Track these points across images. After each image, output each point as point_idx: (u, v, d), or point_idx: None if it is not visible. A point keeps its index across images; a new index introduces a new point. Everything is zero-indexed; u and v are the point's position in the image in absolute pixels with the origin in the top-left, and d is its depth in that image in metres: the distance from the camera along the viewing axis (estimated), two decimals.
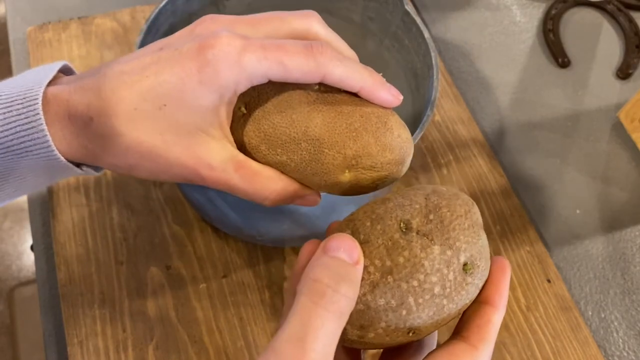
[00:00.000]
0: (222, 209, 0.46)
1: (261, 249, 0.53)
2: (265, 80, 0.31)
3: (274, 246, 0.53)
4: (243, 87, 0.30)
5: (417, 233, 0.28)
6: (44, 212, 0.54)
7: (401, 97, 0.32)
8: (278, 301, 0.50)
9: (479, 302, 0.29)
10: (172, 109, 0.29)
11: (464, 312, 0.30)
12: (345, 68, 0.31)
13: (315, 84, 0.32)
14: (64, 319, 0.48)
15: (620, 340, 0.51)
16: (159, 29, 0.47)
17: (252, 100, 0.32)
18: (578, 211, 0.58)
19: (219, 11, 0.52)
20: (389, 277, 0.27)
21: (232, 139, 0.33)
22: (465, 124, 0.62)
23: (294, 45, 0.30)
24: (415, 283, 0.27)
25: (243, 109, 0.32)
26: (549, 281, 0.53)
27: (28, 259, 1.39)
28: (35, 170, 0.31)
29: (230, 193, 0.32)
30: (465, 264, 0.28)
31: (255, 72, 0.30)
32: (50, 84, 0.31)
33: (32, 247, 0.54)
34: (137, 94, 0.29)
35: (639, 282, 0.54)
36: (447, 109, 0.62)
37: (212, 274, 0.51)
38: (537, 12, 0.73)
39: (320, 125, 0.31)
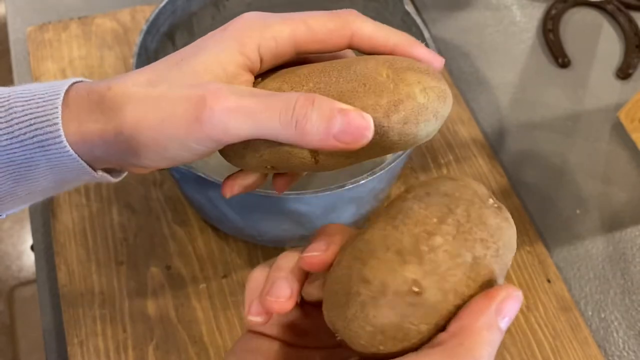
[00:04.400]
0: (222, 209, 0.46)
1: (261, 249, 0.53)
2: (290, 44, 0.29)
3: (274, 246, 0.53)
4: (266, 50, 0.28)
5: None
6: (44, 212, 0.54)
7: (442, 60, 0.29)
8: None
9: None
10: (188, 61, 0.28)
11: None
12: (375, 25, 0.29)
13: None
14: (64, 319, 0.48)
15: (620, 340, 0.51)
16: (159, 29, 0.47)
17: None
18: (578, 211, 0.58)
19: (219, 11, 0.52)
20: None
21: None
22: (465, 124, 0.62)
23: (318, 12, 0.29)
24: None
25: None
26: (549, 281, 0.53)
27: (28, 259, 1.39)
28: (47, 171, 0.30)
29: (247, 128, 0.26)
30: None
31: (280, 30, 0.28)
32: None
33: (32, 247, 0.54)
34: (164, 65, 0.29)
35: (639, 282, 0.54)
36: None
37: (212, 274, 0.51)
38: (537, 12, 0.73)
39: (344, 62, 0.29)
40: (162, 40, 0.48)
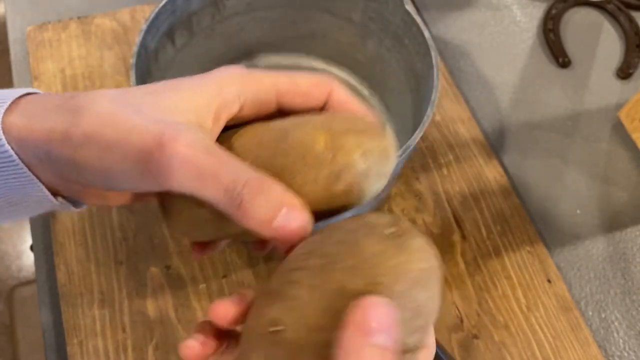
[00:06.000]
0: None
1: None
2: (272, 92, 0.29)
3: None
4: (250, 94, 0.28)
5: None
6: None
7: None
8: None
9: None
10: (163, 94, 0.27)
11: None
12: (351, 94, 0.30)
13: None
14: (63, 319, 0.48)
15: (621, 340, 0.51)
16: (159, 28, 0.47)
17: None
18: (578, 211, 0.58)
19: (218, 11, 0.52)
20: None
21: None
22: (465, 124, 0.62)
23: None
24: None
25: None
26: (549, 281, 0.53)
27: (28, 259, 1.39)
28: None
29: (190, 184, 0.25)
30: None
31: (262, 78, 0.28)
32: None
33: (31, 247, 0.54)
34: (139, 91, 0.28)
35: (639, 282, 0.54)
36: (447, 109, 0.62)
37: (212, 274, 0.51)
38: (537, 12, 0.73)
39: (282, 127, 0.28)
40: (162, 40, 0.48)
